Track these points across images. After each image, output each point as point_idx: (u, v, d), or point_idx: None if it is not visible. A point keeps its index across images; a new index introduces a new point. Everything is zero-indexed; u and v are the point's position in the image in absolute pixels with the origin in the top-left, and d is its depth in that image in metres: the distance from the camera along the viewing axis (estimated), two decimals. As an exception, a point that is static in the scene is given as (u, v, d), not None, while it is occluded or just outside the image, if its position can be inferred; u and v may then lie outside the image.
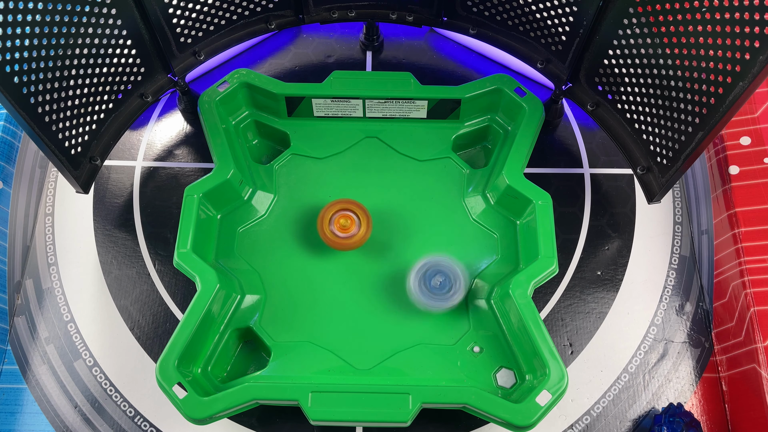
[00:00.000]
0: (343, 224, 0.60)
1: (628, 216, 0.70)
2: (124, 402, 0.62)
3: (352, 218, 0.61)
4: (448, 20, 0.69)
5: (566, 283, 0.67)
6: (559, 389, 0.53)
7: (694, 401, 0.62)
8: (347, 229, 0.60)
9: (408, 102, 0.66)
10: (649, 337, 0.64)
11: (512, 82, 0.66)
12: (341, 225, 0.60)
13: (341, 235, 0.60)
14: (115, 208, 0.70)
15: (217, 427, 0.61)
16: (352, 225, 0.60)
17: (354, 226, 0.60)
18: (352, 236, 0.60)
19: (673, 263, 0.68)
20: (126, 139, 0.73)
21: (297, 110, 0.67)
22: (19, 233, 0.67)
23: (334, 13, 0.70)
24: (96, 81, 0.59)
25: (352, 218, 0.61)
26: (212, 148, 0.64)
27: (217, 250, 0.63)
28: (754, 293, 0.59)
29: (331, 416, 0.54)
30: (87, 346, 0.64)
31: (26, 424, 0.61)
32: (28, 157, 0.70)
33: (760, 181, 0.63)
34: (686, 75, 0.52)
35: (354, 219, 0.61)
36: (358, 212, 0.61)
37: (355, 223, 0.60)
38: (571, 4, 0.58)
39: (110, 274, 0.67)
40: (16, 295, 0.66)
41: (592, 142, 0.73)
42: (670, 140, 0.56)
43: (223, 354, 0.59)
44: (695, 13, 0.49)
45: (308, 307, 0.61)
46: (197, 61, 0.67)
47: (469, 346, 0.59)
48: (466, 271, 0.60)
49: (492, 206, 0.65)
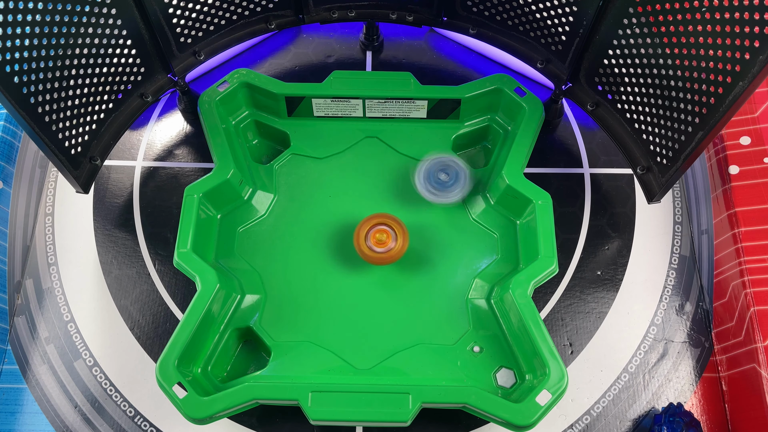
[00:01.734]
0: (379, 239, 0.60)
1: (628, 216, 0.70)
2: (124, 402, 0.62)
3: (388, 232, 0.60)
4: (448, 20, 0.69)
5: (566, 283, 0.67)
6: (559, 389, 0.53)
7: (694, 401, 0.62)
8: (384, 243, 0.60)
9: (408, 102, 0.66)
10: (649, 337, 0.65)
11: (512, 82, 0.66)
12: (378, 240, 0.60)
13: (378, 249, 0.60)
14: (115, 208, 0.70)
15: (217, 427, 0.61)
16: (388, 239, 0.60)
17: (391, 240, 0.60)
18: (389, 250, 0.60)
19: (673, 263, 0.68)
20: (126, 139, 0.73)
21: (297, 110, 0.68)
22: (19, 233, 0.67)
23: (334, 13, 0.70)
24: (96, 81, 0.59)
25: (389, 232, 0.60)
26: (212, 148, 0.64)
27: (217, 250, 0.63)
28: (754, 293, 0.59)
29: (331, 416, 0.54)
30: (87, 346, 0.64)
31: (26, 424, 0.61)
32: (28, 157, 0.70)
33: (760, 180, 0.63)
34: (686, 75, 0.52)
35: (390, 233, 0.60)
36: (394, 226, 0.61)
37: (392, 237, 0.60)
38: (571, 4, 0.58)
39: (110, 274, 0.67)
40: (16, 295, 0.66)
41: (592, 142, 0.73)
42: (670, 140, 0.56)
43: (223, 354, 0.60)
44: (695, 13, 0.49)
45: (308, 307, 0.61)
46: (197, 61, 0.67)
47: (469, 346, 0.59)
48: (471, 169, 0.64)
49: (492, 206, 0.65)
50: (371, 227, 0.60)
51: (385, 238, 0.60)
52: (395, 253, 0.60)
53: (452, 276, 0.62)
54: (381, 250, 0.60)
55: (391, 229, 0.60)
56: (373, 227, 0.61)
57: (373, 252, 0.60)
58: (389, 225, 0.61)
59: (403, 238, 0.60)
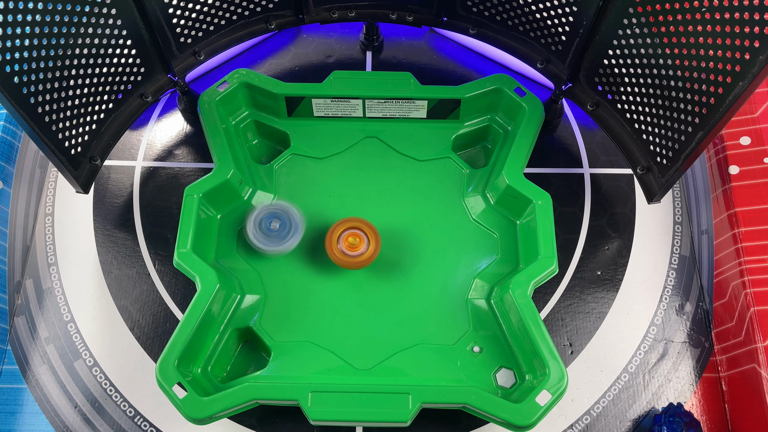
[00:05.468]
0: (351, 242, 0.60)
1: (628, 216, 0.70)
2: (124, 402, 0.62)
3: (360, 236, 0.60)
4: (448, 20, 0.69)
5: (566, 283, 0.67)
6: (559, 389, 0.53)
7: (694, 401, 0.62)
8: (356, 247, 0.60)
9: (408, 102, 0.66)
10: (649, 337, 0.65)
11: (512, 82, 0.66)
12: (350, 243, 0.60)
13: (350, 253, 0.60)
14: (115, 208, 0.70)
15: (217, 427, 0.61)
16: (360, 243, 0.60)
17: (362, 244, 0.60)
18: (360, 255, 0.60)
19: (673, 263, 0.68)
20: (126, 139, 0.73)
21: (297, 110, 0.68)
22: (19, 233, 0.67)
23: (334, 13, 0.70)
24: (96, 81, 0.59)
25: (361, 236, 0.60)
26: (212, 148, 0.64)
27: (217, 250, 0.63)
28: (754, 293, 0.59)
29: (331, 416, 0.54)
30: (87, 346, 0.64)
31: (26, 424, 0.61)
32: (28, 157, 0.70)
33: (760, 181, 0.63)
34: (686, 75, 0.52)
35: (362, 237, 0.60)
36: (366, 230, 0.61)
37: (364, 242, 0.60)
38: (571, 4, 0.58)
39: (110, 274, 0.67)
40: (16, 295, 0.66)
41: (592, 142, 0.73)
42: (670, 140, 0.56)
43: (223, 354, 0.60)
44: (695, 13, 0.49)
45: (308, 307, 0.61)
46: (197, 61, 0.67)
47: (469, 346, 0.59)
48: (302, 214, 0.62)
49: (492, 206, 0.65)
50: (342, 231, 0.60)
51: (357, 242, 0.60)
52: (367, 258, 0.60)
53: (452, 276, 0.62)
54: (353, 254, 0.60)
55: (363, 233, 0.60)
56: (345, 231, 0.60)
57: (345, 256, 0.60)
58: (361, 229, 0.60)
59: (375, 242, 0.60)
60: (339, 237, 0.60)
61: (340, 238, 0.60)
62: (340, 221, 0.61)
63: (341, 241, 0.60)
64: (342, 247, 0.60)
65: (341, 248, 0.60)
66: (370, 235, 0.60)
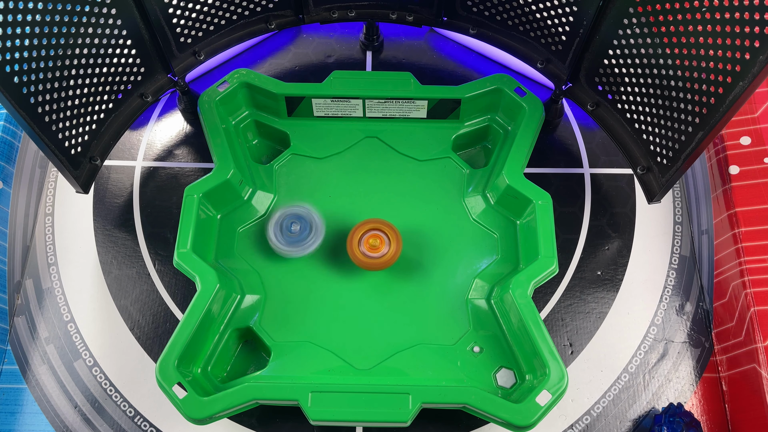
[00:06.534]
0: (372, 244, 0.60)
1: (628, 216, 0.70)
2: (124, 402, 0.62)
3: (381, 238, 0.60)
4: (448, 20, 0.69)
5: (566, 283, 0.67)
6: (559, 389, 0.53)
7: (694, 401, 0.62)
8: (377, 249, 0.60)
9: (408, 102, 0.66)
10: (649, 337, 0.64)
11: (512, 82, 0.66)
12: (371, 245, 0.60)
13: (371, 255, 0.60)
14: (115, 208, 0.70)
15: (217, 427, 0.61)
16: (381, 245, 0.60)
17: (384, 245, 0.60)
18: (381, 256, 0.60)
19: (673, 263, 0.68)
20: (126, 139, 0.73)
21: (297, 110, 0.68)
22: (19, 233, 0.67)
23: (334, 13, 0.70)
24: (96, 81, 0.59)
25: (382, 238, 0.60)
26: (212, 148, 0.64)
27: (217, 250, 0.63)
28: (754, 293, 0.59)
29: (331, 416, 0.54)
30: (87, 346, 0.64)
31: (26, 424, 0.61)
32: (28, 157, 0.70)
33: (760, 181, 0.63)
34: (686, 75, 0.52)
35: (384, 238, 0.60)
36: (387, 232, 0.60)
37: (385, 243, 0.60)
38: (571, 4, 0.58)
39: (110, 274, 0.67)
40: (16, 295, 0.66)
41: (592, 142, 0.73)
42: (670, 140, 0.56)
43: (223, 354, 0.60)
44: (695, 13, 0.49)
45: (308, 307, 0.61)
46: (197, 61, 0.67)
47: (469, 346, 0.59)
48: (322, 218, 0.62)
49: (492, 206, 0.65)
50: (364, 233, 0.60)
51: (378, 243, 0.60)
52: (389, 258, 0.60)
53: (452, 276, 0.62)
54: (375, 255, 0.60)
55: (385, 235, 0.60)
56: (367, 233, 0.60)
57: (367, 258, 0.60)
58: (382, 230, 0.60)
59: (397, 243, 0.60)
60: (360, 239, 0.60)
61: (362, 239, 0.60)
62: (362, 223, 0.61)
63: (362, 243, 0.60)
64: (363, 249, 0.60)
65: (363, 250, 0.60)
66: (391, 236, 0.60)
